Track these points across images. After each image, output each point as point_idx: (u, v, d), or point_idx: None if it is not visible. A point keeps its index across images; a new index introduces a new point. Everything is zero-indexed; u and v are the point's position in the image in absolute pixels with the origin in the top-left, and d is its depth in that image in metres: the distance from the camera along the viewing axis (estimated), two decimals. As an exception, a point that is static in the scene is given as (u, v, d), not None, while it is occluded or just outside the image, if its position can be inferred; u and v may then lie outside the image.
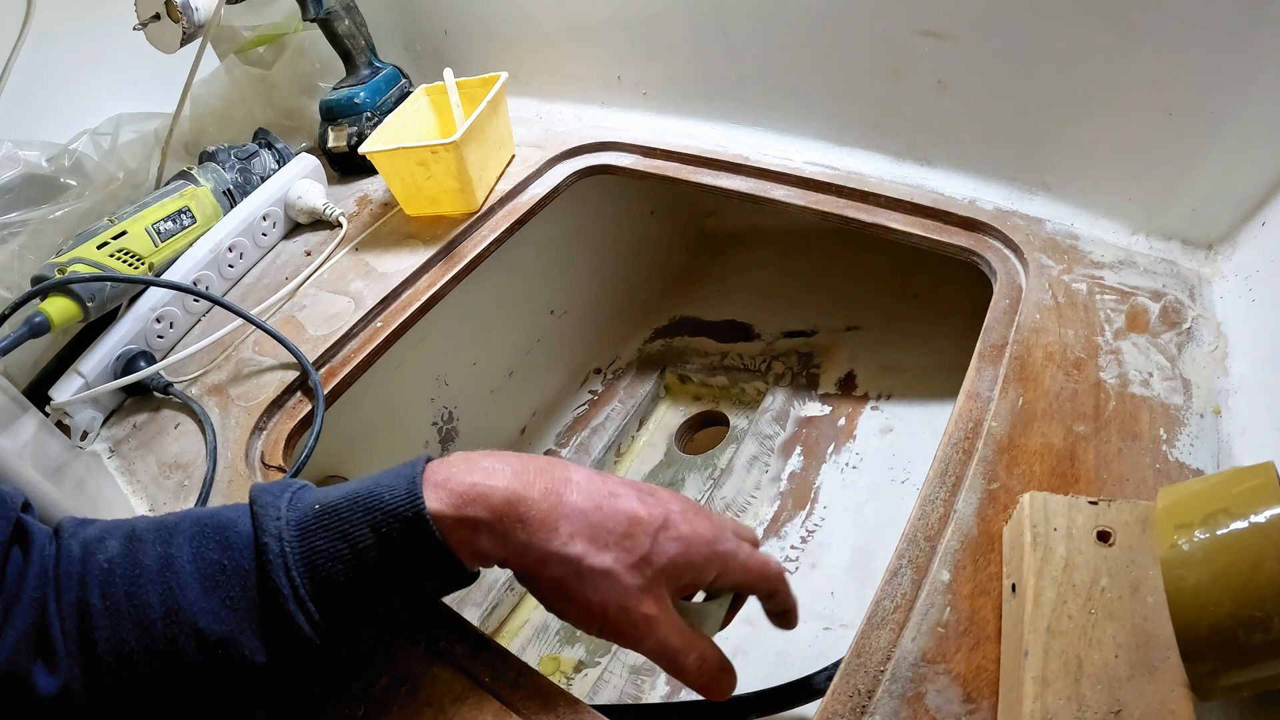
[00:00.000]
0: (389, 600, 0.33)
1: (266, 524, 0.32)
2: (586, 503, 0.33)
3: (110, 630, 0.30)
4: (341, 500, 0.32)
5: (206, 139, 0.73)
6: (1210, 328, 0.45)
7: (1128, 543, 0.30)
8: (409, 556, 0.32)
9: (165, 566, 0.32)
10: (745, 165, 0.65)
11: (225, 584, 0.31)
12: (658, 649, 0.34)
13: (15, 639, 0.29)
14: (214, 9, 0.63)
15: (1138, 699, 0.27)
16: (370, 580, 0.32)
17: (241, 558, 0.32)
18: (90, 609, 0.31)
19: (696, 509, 0.36)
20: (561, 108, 0.81)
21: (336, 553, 0.31)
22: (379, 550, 0.31)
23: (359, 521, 0.32)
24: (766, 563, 0.37)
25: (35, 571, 0.31)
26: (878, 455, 0.68)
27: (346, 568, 0.31)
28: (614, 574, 0.33)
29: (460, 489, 0.32)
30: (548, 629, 0.68)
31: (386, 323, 0.59)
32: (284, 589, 0.31)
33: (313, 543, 0.32)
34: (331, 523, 0.32)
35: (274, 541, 0.31)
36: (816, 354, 0.81)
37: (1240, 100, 0.45)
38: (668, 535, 0.34)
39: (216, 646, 0.30)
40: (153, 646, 0.30)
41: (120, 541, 0.33)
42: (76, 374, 0.54)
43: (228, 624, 0.31)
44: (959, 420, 0.42)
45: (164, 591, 0.31)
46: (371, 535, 0.31)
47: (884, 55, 0.58)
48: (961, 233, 0.55)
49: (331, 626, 0.31)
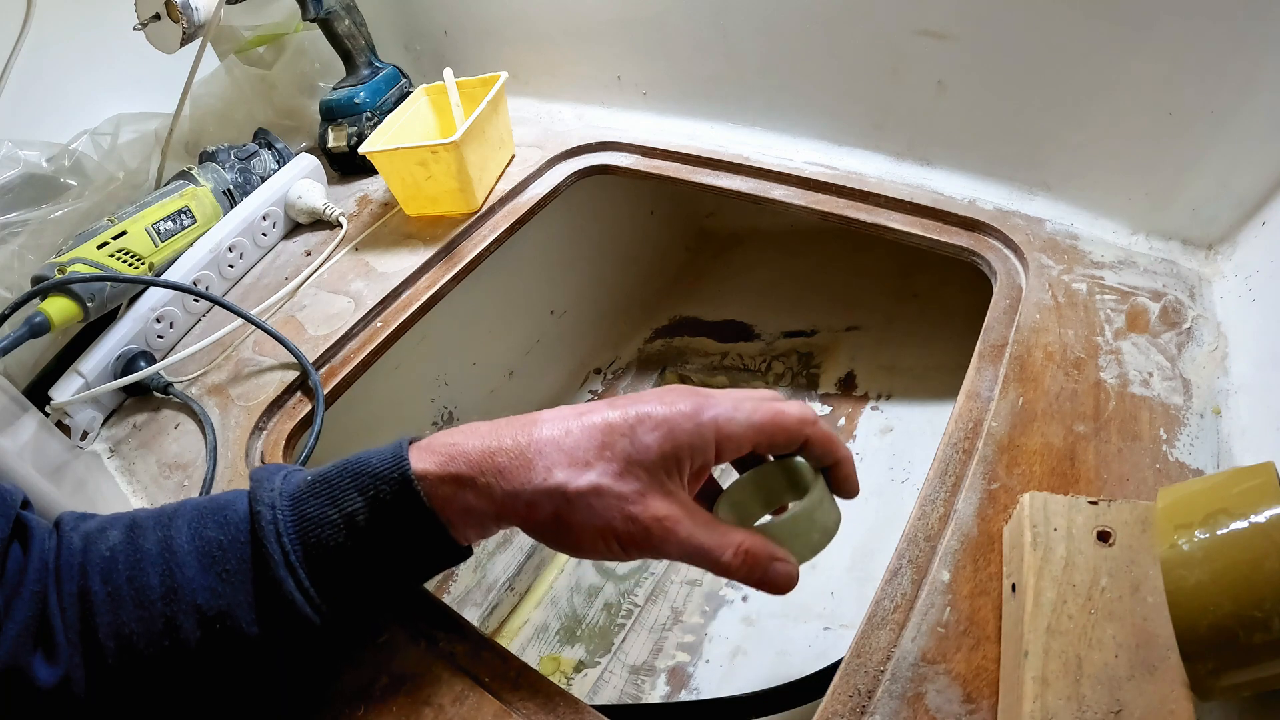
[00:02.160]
0: (379, 565, 0.32)
1: (261, 496, 0.33)
2: (556, 431, 0.32)
3: (111, 616, 0.31)
4: (332, 469, 0.33)
5: (206, 139, 0.73)
6: (1210, 328, 0.45)
7: (1128, 543, 0.30)
8: (397, 518, 0.32)
9: (165, 549, 0.32)
10: (745, 165, 0.65)
11: (222, 559, 0.32)
12: (687, 550, 0.31)
13: (15, 632, 0.29)
14: (214, 9, 0.63)
15: (1138, 699, 0.27)
16: (360, 545, 0.32)
17: (237, 532, 0.32)
18: (91, 596, 0.31)
19: (679, 392, 0.34)
20: (561, 108, 0.81)
21: (326, 518, 0.32)
22: (367, 513, 0.32)
23: (348, 487, 0.32)
24: (779, 411, 0.33)
25: (35, 566, 0.31)
26: (878, 455, 0.68)
27: (336, 532, 0.32)
28: (603, 489, 0.31)
29: (441, 448, 0.33)
30: (548, 629, 0.68)
31: (386, 323, 0.59)
32: (275, 555, 0.31)
33: (304, 510, 0.32)
34: (322, 490, 0.32)
35: (267, 510, 0.32)
36: (816, 354, 0.81)
37: (1240, 100, 0.45)
38: (646, 428, 0.32)
39: (214, 621, 0.31)
40: (152, 628, 0.31)
41: (121, 531, 0.33)
42: (76, 374, 0.54)
43: (223, 598, 0.31)
44: (959, 420, 0.42)
45: (164, 572, 0.31)
46: (360, 499, 0.32)
47: (884, 55, 0.58)
48: (961, 233, 0.55)
49: (323, 593, 0.31)
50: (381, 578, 0.33)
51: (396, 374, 0.72)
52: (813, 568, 0.36)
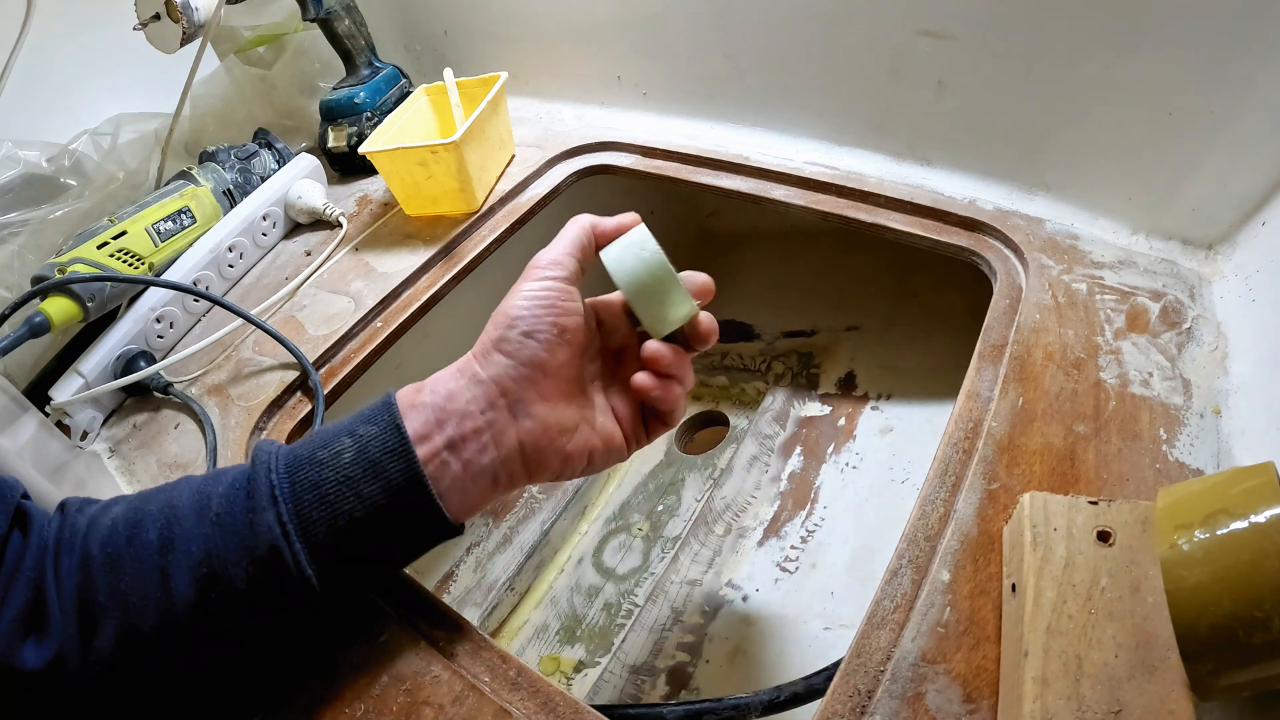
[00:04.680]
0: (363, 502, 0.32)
1: (261, 448, 0.34)
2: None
3: (109, 577, 0.31)
4: (331, 425, 0.35)
5: (206, 139, 0.73)
6: (1210, 328, 0.45)
7: (1128, 543, 0.30)
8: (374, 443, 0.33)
9: (166, 505, 0.33)
10: (745, 165, 0.65)
11: (216, 506, 0.32)
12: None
13: (11, 617, 0.30)
14: (214, 9, 0.63)
15: (1138, 699, 0.27)
16: (344, 476, 0.32)
17: (234, 482, 0.33)
18: (90, 562, 0.32)
19: None
20: (561, 108, 0.81)
21: (316, 459, 0.33)
22: (353, 450, 0.33)
23: (340, 430, 0.34)
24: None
25: (34, 550, 0.32)
26: (878, 455, 0.68)
27: (322, 468, 0.33)
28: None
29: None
30: (547, 629, 0.68)
31: (386, 323, 0.59)
32: (262, 487, 0.32)
33: (296, 453, 0.33)
34: (314, 438, 0.34)
35: (262, 454, 0.33)
36: (816, 354, 0.81)
37: (1240, 100, 0.45)
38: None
39: (202, 565, 0.31)
40: (148, 582, 0.31)
41: (126, 504, 0.34)
42: (76, 374, 0.54)
43: (213, 542, 0.31)
44: (959, 420, 0.42)
45: (163, 526, 0.32)
46: (349, 440, 0.33)
47: (884, 55, 0.58)
48: (961, 233, 0.55)
49: (303, 525, 0.32)
50: (368, 521, 0.33)
51: (396, 374, 0.72)
52: (813, 567, 0.36)
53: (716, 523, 0.70)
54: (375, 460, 0.33)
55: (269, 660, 0.34)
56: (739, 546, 0.67)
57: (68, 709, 0.31)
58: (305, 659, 0.37)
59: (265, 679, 0.36)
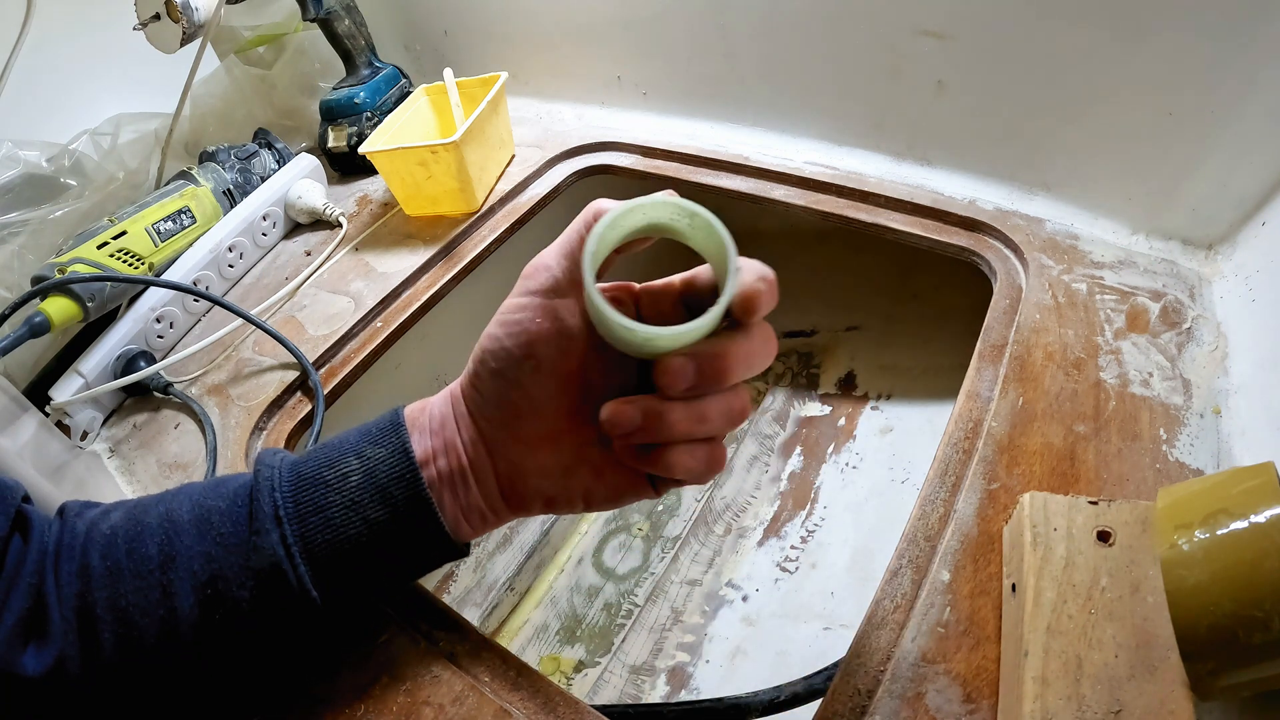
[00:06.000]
0: (370, 526, 0.32)
1: (263, 460, 0.33)
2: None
3: (109, 589, 0.31)
4: (336, 439, 0.34)
5: (206, 139, 0.73)
6: (1210, 328, 0.45)
7: (1128, 543, 0.30)
8: (382, 467, 0.32)
9: (166, 520, 0.32)
10: (745, 165, 0.65)
11: (219, 524, 0.32)
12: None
13: (11, 622, 0.30)
14: (214, 9, 0.63)
15: (1138, 699, 0.27)
16: (351, 501, 0.32)
17: (235, 498, 0.33)
18: (90, 571, 0.31)
19: None
20: (561, 108, 0.81)
21: (322, 479, 0.32)
22: (360, 474, 0.32)
23: (346, 449, 0.33)
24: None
25: (34, 555, 0.32)
26: (878, 455, 0.68)
27: (329, 490, 0.32)
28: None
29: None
30: (547, 629, 0.68)
31: (386, 323, 0.59)
32: (266, 507, 0.31)
33: (300, 471, 0.33)
34: (319, 454, 0.33)
35: (265, 469, 0.33)
36: (816, 354, 0.81)
37: (1240, 100, 0.45)
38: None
39: (206, 587, 0.31)
40: (149, 598, 0.31)
41: (124, 512, 0.34)
42: (76, 374, 0.54)
43: (216, 562, 0.31)
44: (959, 420, 0.42)
45: (163, 542, 0.32)
46: (356, 461, 0.32)
47: (884, 55, 0.58)
48: (961, 233, 0.55)
49: (308, 548, 0.31)
50: (373, 545, 0.32)
51: (396, 374, 0.72)
52: (813, 567, 0.36)
53: (716, 523, 0.70)
54: (383, 486, 0.32)
55: (270, 671, 0.34)
56: (739, 546, 0.67)
57: (67, 716, 0.31)
58: (305, 660, 0.37)
59: (265, 682, 0.35)
